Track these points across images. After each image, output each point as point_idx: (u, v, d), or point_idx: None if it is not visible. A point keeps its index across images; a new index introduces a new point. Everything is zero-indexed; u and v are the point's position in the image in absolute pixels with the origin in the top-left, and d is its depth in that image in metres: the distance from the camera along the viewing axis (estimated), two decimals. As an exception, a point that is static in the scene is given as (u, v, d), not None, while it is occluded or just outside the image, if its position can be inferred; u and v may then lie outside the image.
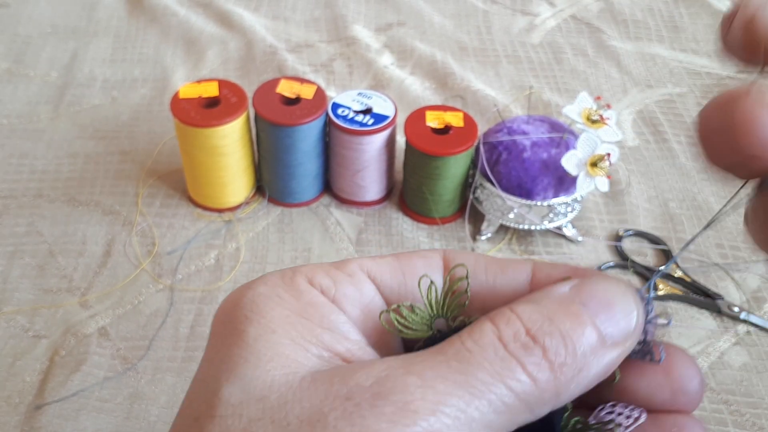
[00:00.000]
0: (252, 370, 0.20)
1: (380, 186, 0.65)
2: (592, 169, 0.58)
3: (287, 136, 0.60)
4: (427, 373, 0.19)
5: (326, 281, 0.23)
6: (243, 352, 0.21)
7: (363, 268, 0.24)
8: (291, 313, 0.22)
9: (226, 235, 0.63)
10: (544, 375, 0.20)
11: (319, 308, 0.22)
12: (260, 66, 0.81)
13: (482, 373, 0.19)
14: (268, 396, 0.19)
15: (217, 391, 0.20)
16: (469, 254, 0.25)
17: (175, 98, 0.60)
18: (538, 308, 0.21)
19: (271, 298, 0.22)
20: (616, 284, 0.22)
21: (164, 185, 0.67)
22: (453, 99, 0.77)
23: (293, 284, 0.23)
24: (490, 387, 0.19)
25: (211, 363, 0.21)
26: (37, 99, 0.76)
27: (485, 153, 0.61)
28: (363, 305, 0.23)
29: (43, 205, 0.64)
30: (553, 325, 0.20)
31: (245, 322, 0.21)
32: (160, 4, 0.88)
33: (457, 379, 0.19)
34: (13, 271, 0.59)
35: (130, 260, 0.60)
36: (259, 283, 0.23)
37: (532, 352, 0.20)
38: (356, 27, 0.87)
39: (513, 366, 0.20)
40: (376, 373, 0.19)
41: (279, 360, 0.20)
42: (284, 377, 0.20)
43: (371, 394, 0.19)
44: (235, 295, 0.23)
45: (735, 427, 0.51)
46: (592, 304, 0.21)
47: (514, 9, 0.92)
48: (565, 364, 0.20)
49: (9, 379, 0.52)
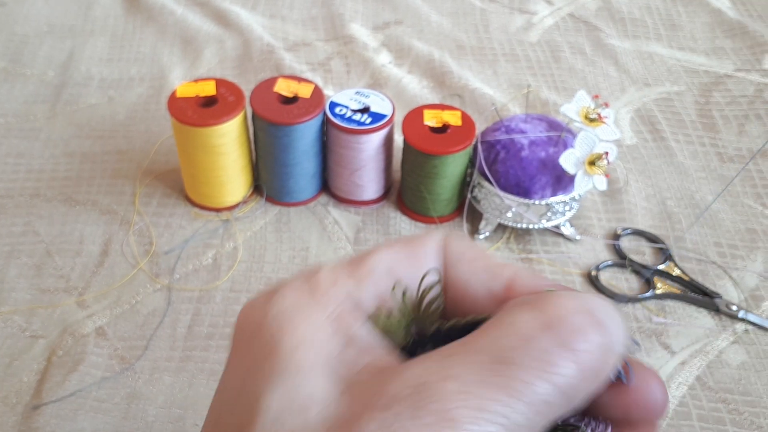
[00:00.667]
0: (292, 380, 0.20)
1: (378, 185, 0.65)
2: (590, 168, 0.58)
3: (285, 135, 0.60)
4: (466, 376, 0.18)
5: (349, 283, 0.23)
6: (281, 363, 0.20)
7: (382, 263, 0.23)
8: (318, 327, 0.21)
9: (224, 235, 0.63)
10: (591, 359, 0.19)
11: (342, 321, 0.22)
12: (257, 65, 0.80)
13: (526, 373, 0.18)
14: (310, 408, 0.19)
15: (258, 398, 0.20)
16: (463, 241, 0.24)
17: (172, 97, 0.60)
18: (572, 298, 0.20)
19: (297, 313, 0.22)
20: (603, 301, 0.22)
21: (161, 184, 0.67)
22: (451, 98, 0.77)
23: (320, 291, 0.22)
24: (535, 387, 0.18)
25: (246, 374, 0.21)
26: (34, 98, 0.76)
27: (483, 152, 0.61)
28: (382, 299, 0.23)
29: (39, 205, 0.64)
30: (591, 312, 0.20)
31: (277, 335, 0.21)
32: (157, 3, 0.88)
33: (499, 383, 0.18)
34: (9, 270, 0.59)
35: (128, 260, 0.60)
36: (281, 297, 0.22)
37: (584, 336, 0.19)
38: (354, 25, 0.87)
39: (559, 356, 0.19)
40: (413, 381, 0.19)
41: (317, 372, 0.20)
42: (324, 389, 0.20)
43: (409, 405, 0.18)
44: (256, 310, 0.22)
45: (733, 425, 0.51)
46: (598, 313, 0.21)
47: (512, 7, 0.92)
48: (602, 351, 0.19)
49: (6, 379, 0.51)
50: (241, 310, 0.23)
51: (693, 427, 0.51)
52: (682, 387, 0.53)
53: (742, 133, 0.75)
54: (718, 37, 0.88)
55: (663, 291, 0.59)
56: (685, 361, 0.55)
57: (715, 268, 0.61)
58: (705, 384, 0.53)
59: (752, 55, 0.85)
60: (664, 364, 0.54)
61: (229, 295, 0.58)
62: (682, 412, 0.51)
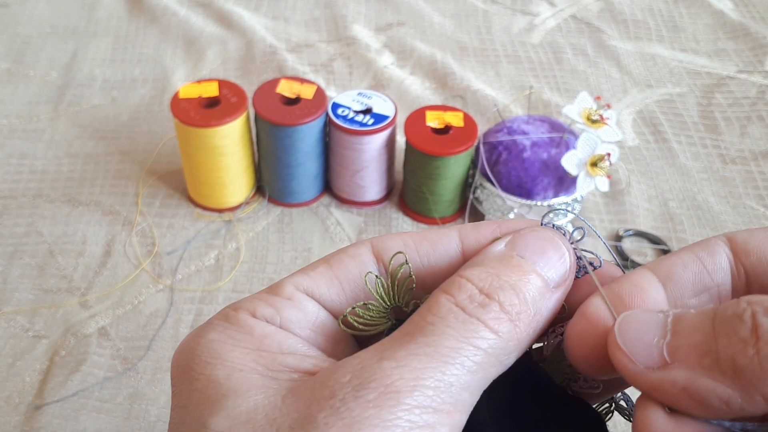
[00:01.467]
0: (233, 401, 0.20)
1: (380, 186, 0.65)
2: (592, 169, 0.58)
3: (287, 136, 0.60)
4: (398, 353, 0.20)
5: (269, 311, 0.23)
6: (219, 390, 0.21)
7: (300, 288, 0.24)
8: (249, 349, 0.22)
9: (226, 235, 0.63)
10: (505, 326, 0.21)
11: (272, 338, 0.23)
12: (260, 66, 0.81)
13: (449, 341, 0.20)
14: (255, 417, 0.20)
15: (204, 425, 0.20)
16: (396, 238, 0.25)
17: (175, 98, 0.60)
18: (483, 269, 0.22)
19: (225, 342, 0.22)
20: (544, 232, 0.24)
21: (164, 185, 0.67)
22: (453, 99, 0.77)
23: (240, 323, 0.23)
24: (459, 351, 0.20)
25: (187, 408, 0.22)
26: (37, 99, 0.76)
27: (485, 153, 0.61)
28: (310, 324, 0.24)
29: (42, 205, 0.64)
30: (502, 280, 0.22)
31: (209, 368, 0.22)
32: (160, 4, 0.88)
33: (428, 352, 0.20)
34: (13, 271, 0.59)
35: (130, 260, 0.60)
36: (207, 330, 0.23)
37: (489, 308, 0.21)
38: (356, 27, 0.87)
39: (475, 326, 0.21)
40: (351, 368, 0.20)
41: (256, 389, 0.21)
42: (265, 399, 0.20)
43: (352, 387, 0.19)
44: (186, 347, 0.23)
45: (735, 427, 0.51)
46: (529, 254, 0.23)
47: (514, 9, 0.92)
48: (521, 312, 0.22)
49: (9, 379, 0.52)
50: (175, 352, 0.24)
51: (695, 429, 0.50)
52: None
53: (744, 134, 0.75)
54: (721, 38, 0.88)
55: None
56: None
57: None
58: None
59: (754, 57, 0.85)
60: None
61: (232, 295, 0.58)
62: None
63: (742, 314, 0.18)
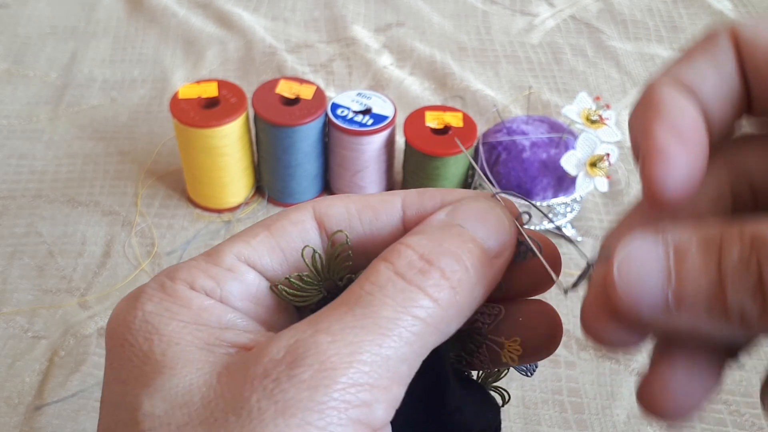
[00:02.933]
0: (168, 380, 0.20)
1: (380, 186, 0.65)
2: (592, 170, 0.58)
3: (287, 137, 0.60)
4: (334, 327, 0.19)
5: (209, 284, 0.23)
6: (154, 368, 0.20)
7: (241, 258, 0.23)
8: (186, 323, 0.22)
9: (226, 236, 0.63)
10: (446, 294, 0.21)
11: (210, 311, 0.22)
12: (260, 66, 0.81)
13: (387, 311, 0.20)
14: (191, 399, 0.19)
15: (138, 407, 0.20)
16: (338, 204, 0.25)
17: (175, 99, 0.60)
18: (425, 236, 0.22)
19: (162, 314, 0.22)
20: (485, 202, 0.23)
21: (163, 186, 0.67)
22: (452, 99, 0.77)
23: (177, 295, 0.22)
24: (397, 322, 0.19)
25: (121, 384, 0.21)
26: (37, 99, 0.76)
27: (484, 153, 0.61)
28: (250, 296, 0.23)
29: (42, 206, 0.64)
30: (443, 247, 0.21)
31: (145, 343, 0.21)
32: (160, 5, 0.88)
33: (365, 324, 0.19)
34: (12, 271, 0.59)
35: (130, 261, 0.60)
36: (144, 301, 0.22)
37: (430, 275, 0.21)
38: (355, 27, 0.87)
39: (414, 294, 0.20)
40: (285, 343, 0.19)
41: (191, 366, 0.20)
42: (201, 378, 0.20)
43: (286, 365, 0.19)
44: (122, 318, 0.22)
45: (734, 427, 0.51)
46: (470, 223, 0.23)
47: (514, 9, 0.92)
48: (461, 280, 0.21)
49: (8, 379, 0.52)
50: (108, 321, 0.23)
51: (694, 429, 0.51)
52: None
53: (744, 134, 0.75)
54: (720, 39, 0.88)
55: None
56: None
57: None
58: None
59: (754, 57, 0.85)
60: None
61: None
62: (683, 413, 0.51)
63: (747, 262, 0.17)
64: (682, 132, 0.20)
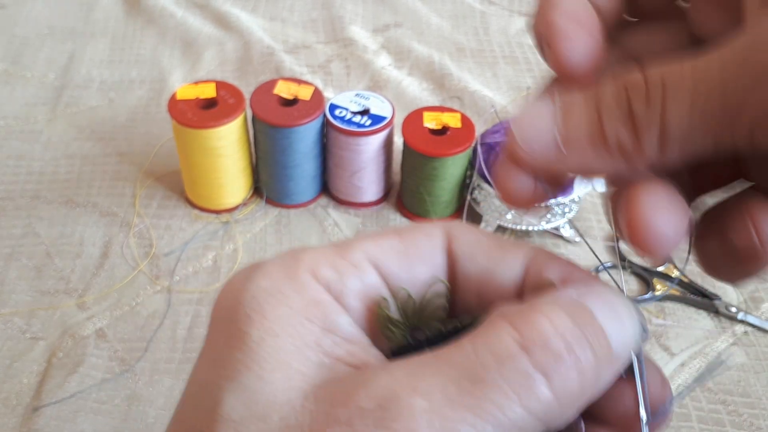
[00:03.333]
0: (255, 381, 0.19)
1: (378, 187, 0.65)
2: (590, 170, 0.58)
3: (285, 138, 0.60)
4: (434, 395, 0.17)
5: (331, 274, 0.22)
6: (245, 358, 0.20)
7: (369, 257, 0.22)
8: (294, 312, 0.21)
9: (224, 237, 0.63)
10: (570, 386, 0.18)
11: (321, 307, 0.21)
12: (258, 67, 0.81)
13: (498, 395, 0.17)
14: (271, 416, 0.19)
15: (219, 402, 0.19)
16: (473, 230, 0.23)
17: (173, 99, 0.60)
18: (563, 311, 0.19)
19: (273, 295, 0.21)
20: (619, 297, 0.21)
21: (162, 186, 0.67)
22: (450, 100, 0.77)
23: (297, 278, 0.21)
24: (505, 411, 0.17)
25: (213, 365, 0.21)
26: (35, 100, 0.76)
27: (483, 154, 0.61)
28: (367, 297, 0.22)
29: (40, 207, 0.64)
30: (580, 331, 0.19)
31: (247, 321, 0.20)
32: (158, 6, 0.88)
33: (468, 404, 0.17)
34: (10, 272, 0.59)
35: (128, 262, 0.60)
36: (261, 276, 0.21)
37: (563, 363, 0.18)
38: (353, 28, 0.87)
39: (535, 381, 0.18)
40: (379, 392, 0.18)
41: (281, 370, 0.20)
42: (286, 393, 0.19)
43: (374, 420, 0.17)
44: (234, 288, 0.22)
45: (733, 427, 0.51)
46: (602, 311, 0.20)
47: (512, 10, 0.92)
48: (589, 378, 0.18)
49: (6, 381, 0.51)
50: (222, 287, 0.22)
51: (692, 429, 0.51)
52: (681, 388, 0.53)
53: (742, 135, 0.75)
54: (718, 39, 0.88)
55: (662, 293, 0.59)
56: (684, 362, 0.55)
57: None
58: (704, 385, 0.53)
59: (751, 58, 0.85)
60: (663, 365, 0.54)
61: (229, 296, 0.58)
62: (681, 413, 0.51)
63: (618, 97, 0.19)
64: (578, 17, 0.22)
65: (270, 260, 0.22)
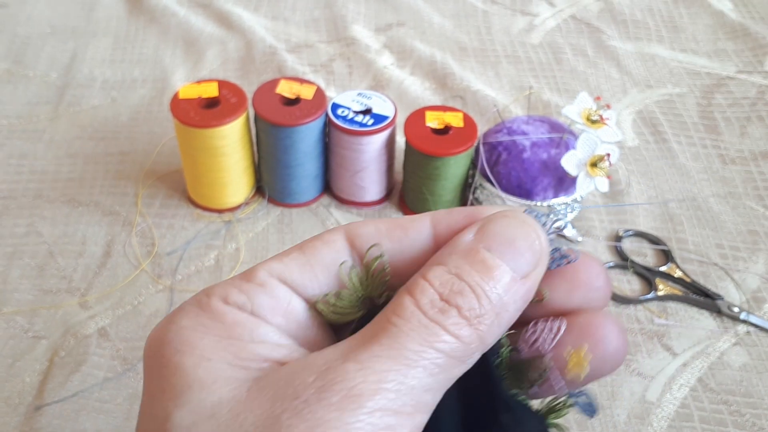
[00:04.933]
0: (197, 394, 0.21)
1: (380, 186, 0.65)
2: (592, 170, 0.58)
3: (287, 137, 0.60)
4: (362, 356, 0.20)
5: (240, 298, 0.23)
6: (185, 380, 0.21)
7: (273, 274, 0.24)
8: (219, 337, 0.22)
9: (226, 236, 0.63)
10: (466, 331, 0.21)
11: (243, 326, 0.23)
12: (260, 66, 0.81)
13: (411, 344, 0.21)
14: (219, 411, 0.20)
15: (167, 418, 0.20)
16: (368, 225, 0.25)
17: (175, 99, 0.60)
18: (446, 269, 0.22)
19: (195, 329, 0.22)
20: (514, 217, 0.24)
21: (164, 186, 0.67)
22: (453, 99, 0.77)
23: (211, 309, 0.23)
24: (421, 354, 0.21)
25: (154, 397, 0.22)
26: (37, 99, 0.76)
27: (485, 153, 0.61)
28: (282, 311, 0.24)
29: (42, 206, 0.64)
30: (462, 282, 0.22)
31: (178, 355, 0.22)
32: (160, 5, 0.88)
33: (391, 355, 0.20)
34: (12, 271, 0.59)
35: (130, 261, 0.60)
36: (179, 317, 0.23)
37: (449, 314, 0.21)
38: (356, 27, 0.87)
39: (436, 330, 0.21)
40: (316, 368, 0.20)
41: (222, 381, 0.21)
42: (230, 393, 0.21)
43: (316, 389, 0.20)
44: (157, 333, 0.23)
45: (735, 427, 0.51)
46: (496, 246, 0.23)
47: (514, 9, 0.92)
48: (481, 315, 0.22)
49: (8, 380, 0.52)
50: (146, 340, 0.24)
51: (695, 429, 0.51)
52: (684, 388, 0.53)
53: (744, 134, 0.75)
54: (720, 39, 0.88)
55: (665, 292, 0.59)
56: (687, 362, 0.55)
57: (716, 270, 0.61)
58: (707, 386, 0.53)
59: (754, 57, 0.85)
60: (666, 365, 0.54)
61: (231, 296, 0.58)
62: (683, 413, 0.51)
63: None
64: None
65: (185, 302, 0.24)
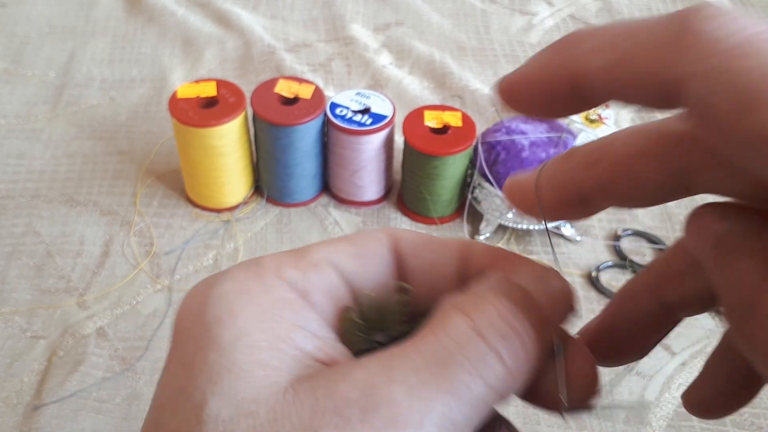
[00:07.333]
0: (235, 382, 0.20)
1: (379, 186, 0.65)
2: (591, 169, 0.58)
3: (285, 136, 0.60)
4: (410, 380, 0.20)
5: (294, 273, 0.22)
6: (222, 360, 0.20)
7: (326, 258, 0.23)
8: (263, 310, 0.21)
9: (224, 235, 0.63)
10: (519, 363, 0.21)
11: (289, 305, 0.22)
12: (258, 66, 0.81)
13: (463, 374, 0.20)
14: (257, 411, 0.19)
15: (203, 405, 0.20)
16: (411, 233, 0.25)
17: (173, 98, 0.60)
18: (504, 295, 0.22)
19: (241, 296, 0.21)
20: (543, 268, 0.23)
21: (162, 185, 0.67)
22: (451, 98, 0.77)
23: (262, 279, 0.22)
24: (470, 386, 0.20)
25: (187, 371, 0.21)
26: (35, 99, 0.76)
27: (484, 153, 0.61)
28: (330, 294, 0.23)
29: (40, 206, 0.64)
30: (518, 309, 0.21)
31: (217, 324, 0.21)
32: (158, 4, 0.88)
33: (440, 384, 0.20)
34: (10, 271, 0.59)
35: (128, 260, 0.60)
36: (225, 279, 0.22)
37: (510, 340, 0.21)
38: (354, 26, 0.87)
39: (491, 358, 0.20)
40: (360, 384, 0.20)
41: (259, 369, 0.20)
42: (268, 389, 0.20)
43: (359, 408, 0.19)
44: (199, 292, 0.22)
45: (734, 426, 0.51)
46: (533, 285, 0.22)
47: (513, 8, 0.92)
48: (531, 353, 0.21)
49: (7, 379, 0.52)
50: (185, 296, 0.23)
51: (693, 428, 0.51)
52: (682, 388, 0.53)
53: (743, 134, 0.75)
54: (719, 38, 0.88)
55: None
56: (685, 362, 0.55)
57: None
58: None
59: (753, 56, 0.85)
60: (664, 365, 0.54)
61: (230, 295, 0.58)
62: (682, 412, 0.51)
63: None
64: None
65: (232, 267, 0.23)
